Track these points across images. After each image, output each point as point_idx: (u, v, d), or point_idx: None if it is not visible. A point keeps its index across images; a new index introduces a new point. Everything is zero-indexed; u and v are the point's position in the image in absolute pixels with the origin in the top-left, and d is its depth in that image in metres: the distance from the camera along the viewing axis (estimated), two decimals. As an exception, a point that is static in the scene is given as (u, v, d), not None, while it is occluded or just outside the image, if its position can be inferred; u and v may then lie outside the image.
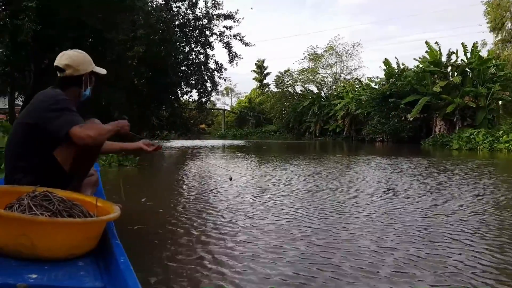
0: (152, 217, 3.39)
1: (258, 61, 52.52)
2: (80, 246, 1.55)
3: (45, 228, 1.45)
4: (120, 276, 1.35)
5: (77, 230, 1.54)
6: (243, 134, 40.14)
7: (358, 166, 8.06)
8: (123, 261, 1.44)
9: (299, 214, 3.48)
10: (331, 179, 5.91)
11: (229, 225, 3.10)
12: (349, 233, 2.89)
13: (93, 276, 1.41)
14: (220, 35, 14.70)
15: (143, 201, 4.02)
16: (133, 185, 5.42)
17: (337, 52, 36.60)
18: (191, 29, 14.28)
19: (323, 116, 33.44)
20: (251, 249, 2.49)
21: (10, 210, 1.53)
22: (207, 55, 14.87)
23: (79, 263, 1.50)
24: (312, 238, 2.76)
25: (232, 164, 8.43)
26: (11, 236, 1.41)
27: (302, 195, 4.49)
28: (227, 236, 2.77)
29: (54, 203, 1.58)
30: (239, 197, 4.36)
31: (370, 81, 27.78)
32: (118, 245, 1.61)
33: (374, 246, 2.56)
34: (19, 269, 1.35)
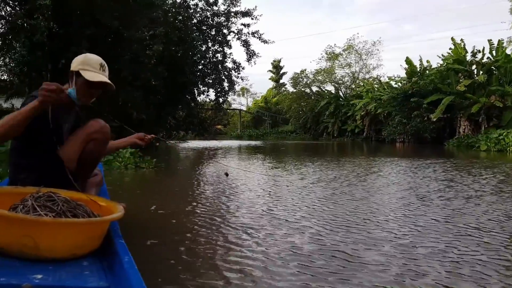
0: (165, 228, 3.05)
1: (274, 61, 52.10)
2: (84, 246, 1.55)
3: (49, 229, 1.45)
4: (125, 275, 1.34)
5: (81, 230, 1.54)
6: (259, 135, 39.75)
7: (383, 170, 7.57)
8: (127, 260, 1.43)
9: (319, 234, 2.90)
10: (354, 186, 5.38)
11: (243, 250, 2.53)
12: (379, 265, 2.24)
13: (97, 276, 1.40)
14: (238, 33, 14.34)
15: (153, 209, 3.68)
16: (147, 189, 5.11)
17: (356, 50, 35.90)
18: (208, 27, 13.95)
19: (341, 116, 32.76)
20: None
21: (14, 211, 1.53)
22: (225, 53, 14.52)
23: (83, 263, 1.50)
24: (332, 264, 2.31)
25: (248, 166, 8.09)
26: (15, 237, 1.42)
27: (322, 206, 3.92)
28: (244, 260, 2.33)
29: (58, 203, 1.57)
30: (255, 207, 3.89)
31: (391, 80, 27.07)
32: (122, 244, 1.60)
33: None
34: (24, 269, 1.35)
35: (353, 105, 31.36)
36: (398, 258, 2.37)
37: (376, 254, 2.44)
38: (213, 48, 14.48)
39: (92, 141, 2.12)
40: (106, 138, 2.23)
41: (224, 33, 14.23)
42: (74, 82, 2.10)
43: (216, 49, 14.52)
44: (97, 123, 2.17)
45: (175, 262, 2.28)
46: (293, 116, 39.50)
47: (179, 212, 3.61)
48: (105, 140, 2.23)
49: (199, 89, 14.78)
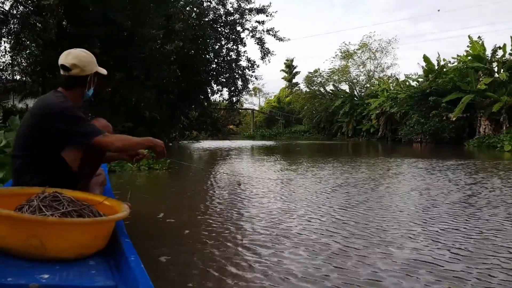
0: (176, 240, 2.72)
1: (287, 60, 51.66)
2: (90, 245, 1.55)
3: (55, 229, 1.46)
4: (132, 274, 1.34)
5: (87, 230, 1.54)
6: (272, 135, 39.38)
7: (404, 173, 7.09)
8: (133, 259, 1.42)
9: (339, 251, 2.48)
10: (376, 193, 4.81)
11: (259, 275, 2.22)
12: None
13: (104, 275, 1.40)
14: (252, 31, 14.02)
15: (161, 217, 3.37)
16: (158, 193, 4.82)
17: (370, 49, 35.28)
18: (222, 24, 13.67)
19: (356, 115, 32.20)
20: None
21: (20, 211, 1.54)
22: (239, 52, 14.23)
23: (90, 262, 1.50)
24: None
25: (262, 169, 7.77)
26: (21, 237, 1.42)
27: (342, 217, 3.42)
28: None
29: (63, 203, 1.58)
30: (271, 217, 3.47)
31: (408, 79, 26.45)
32: (128, 243, 1.59)
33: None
34: (31, 269, 1.36)
35: (368, 105, 30.79)
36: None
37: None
38: (226, 47, 14.19)
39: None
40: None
41: (238, 31, 13.94)
42: (93, 82, 2.20)
43: (229, 47, 14.23)
44: (100, 123, 2.15)
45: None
46: (307, 116, 39.01)
47: (189, 221, 3.30)
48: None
49: (212, 88, 14.53)
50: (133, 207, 2.20)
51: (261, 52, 14.25)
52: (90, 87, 2.19)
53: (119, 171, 6.41)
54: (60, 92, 2.10)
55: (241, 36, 14.03)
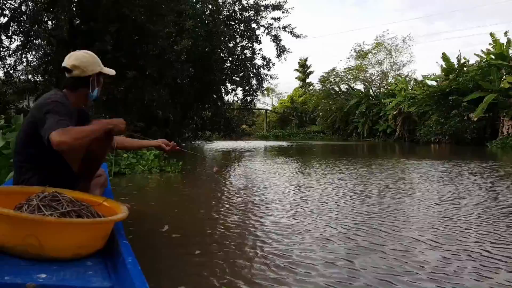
0: (187, 263, 2.29)
1: (300, 60, 51.00)
2: (88, 246, 1.55)
3: (54, 229, 1.45)
4: (128, 276, 1.33)
5: (85, 230, 1.54)
6: (286, 135, 38.86)
7: (429, 177, 6.53)
8: (130, 261, 1.42)
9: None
10: (401, 205, 4.22)
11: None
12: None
13: (101, 276, 1.40)
14: (268, 27, 13.56)
15: (165, 230, 2.90)
16: (167, 199, 4.42)
17: (385, 47, 34.47)
18: (237, 21, 13.26)
19: (372, 115, 31.47)
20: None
21: (19, 210, 1.54)
22: (254, 50, 13.79)
23: (87, 263, 1.50)
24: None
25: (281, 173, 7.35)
26: (20, 236, 1.42)
27: (363, 240, 2.79)
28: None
29: (62, 203, 1.58)
30: (289, 231, 3.06)
31: (426, 79, 25.71)
32: (126, 245, 1.59)
33: None
34: (28, 269, 1.36)
35: (384, 104, 30.07)
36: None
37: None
38: (241, 45, 13.78)
39: (95, 141, 2.03)
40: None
41: (253, 28, 13.50)
42: (98, 82, 2.17)
43: (244, 46, 13.82)
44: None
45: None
46: (321, 116, 38.37)
47: (198, 236, 2.82)
48: (108, 140, 2.20)
49: (226, 87, 14.14)
50: (136, 219, 1.91)
51: (277, 50, 13.78)
52: (94, 88, 2.16)
53: (129, 174, 6.06)
54: (61, 91, 2.10)
55: (256, 33, 13.59)
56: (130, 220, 2.03)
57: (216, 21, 10.86)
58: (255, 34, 13.51)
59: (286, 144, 22.15)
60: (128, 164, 6.19)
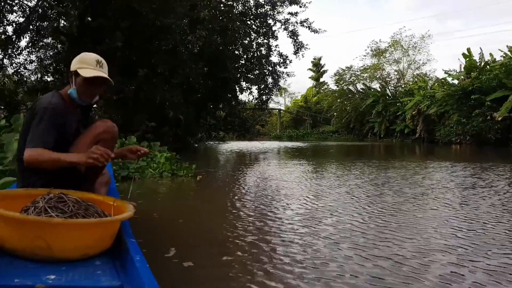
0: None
1: (314, 59, 50.29)
2: (95, 246, 1.54)
3: (61, 230, 1.45)
4: (137, 274, 1.32)
5: (92, 230, 1.53)
6: (300, 135, 38.22)
7: (456, 183, 5.81)
8: (139, 259, 1.41)
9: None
10: (433, 221, 3.65)
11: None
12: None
13: (110, 275, 1.40)
14: (285, 23, 12.96)
15: (171, 255, 2.35)
16: (176, 210, 3.88)
17: (402, 46, 33.56)
18: (252, 17, 12.70)
19: (389, 115, 30.62)
20: None
21: (26, 213, 1.54)
22: (270, 46, 13.22)
23: (95, 262, 1.50)
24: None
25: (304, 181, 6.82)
26: (27, 239, 1.42)
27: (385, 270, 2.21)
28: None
29: (68, 204, 1.58)
30: (314, 254, 2.62)
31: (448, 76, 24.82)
32: (134, 243, 1.58)
33: None
34: (37, 270, 1.35)
35: (402, 104, 29.23)
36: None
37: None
38: (256, 41, 13.23)
39: (100, 141, 2.05)
40: (114, 138, 2.19)
41: (269, 24, 12.93)
42: (74, 82, 2.10)
43: (259, 42, 13.26)
44: (105, 124, 2.15)
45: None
46: (336, 116, 37.60)
47: (212, 266, 2.24)
48: (113, 140, 2.18)
49: (240, 86, 13.62)
50: (137, 235, 1.72)
51: (294, 46, 13.16)
52: (72, 86, 2.10)
53: (138, 178, 5.59)
54: (59, 92, 2.11)
55: (272, 29, 13.00)
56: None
57: (231, 16, 10.34)
58: (271, 30, 12.92)
59: (302, 145, 21.55)
60: (138, 168, 5.72)
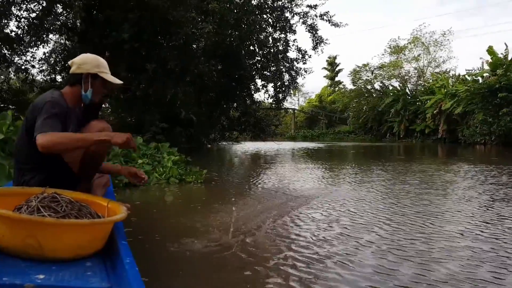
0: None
1: (329, 58, 49.27)
2: (87, 246, 1.55)
3: (53, 230, 1.45)
4: (126, 276, 1.33)
5: (84, 231, 1.54)
6: (315, 136, 37.38)
7: (497, 193, 5.13)
8: (128, 261, 1.42)
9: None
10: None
11: None
12: None
13: (99, 277, 1.39)
14: (303, 16, 12.18)
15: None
16: (179, 229, 3.15)
17: (423, 42, 32.38)
18: (269, 10, 11.96)
19: (408, 114, 29.51)
20: None
21: (19, 211, 1.55)
22: (287, 41, 12.45)
23: (86, 263, 1.50)
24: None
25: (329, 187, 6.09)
26: (19, 237, 1.43)
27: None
28: None
29: (62, 204, 1.59)
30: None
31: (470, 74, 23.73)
32: (125, 245, 1.58)
33: None
34: (27, 269, 1.36)
35: (422, 103, 28.13)
36: None
37: None
38: (272, 37, 12.49)
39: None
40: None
41: (287, 17, 12.17)
42: (90, 84, 2.11)
43: (276, 38, 12.52)
44: (99, 124, 2.14)
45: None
46: (352, 116, 36.56)
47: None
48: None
49: (256, 84, 12.91)
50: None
51: (313, 41, 12.38)
52: (88, 88, 2.11)
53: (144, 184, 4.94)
54: (58, 91, 2.10)
55: (290, 22, 12.23)
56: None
57: (246, 9, 9.64)
58: (289, 23, 12.15)
59: (320, 145, 20.73)
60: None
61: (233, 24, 9.69)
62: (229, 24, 9.51)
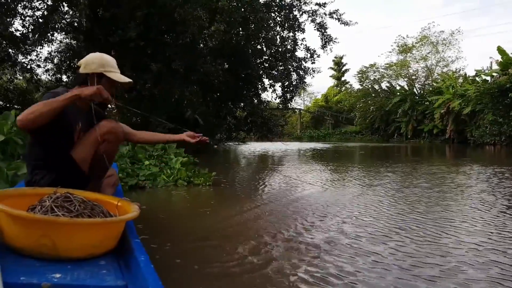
0: None
1: (336, 57, 48.97)
2: (100, 245, 1.55)
3: (67, 229, 1.46)
4: (141, 274, 1.33)
5: (98, 230, 1.55)
6: (321, 136, 37.12)
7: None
8: (143, 259, 1.42)
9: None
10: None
11: None
12: None
13: (114, 275, 1.40)
14: (312, 14, 11.96)
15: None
16: (185, 238, 2.99)
17: (432, 42, 32.00)
18: (277, 9, 11.76)
19: (416, 115, 29.17)
20: None
21: (32, 211, 1.56)
22: (296, 40, 12.26)
23: (100, 262, 1.50)
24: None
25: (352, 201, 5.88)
26: (34, 237, 1.44)
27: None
28: None
29: (75, 204, 1.59)
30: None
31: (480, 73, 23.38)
32: (138, 243, 1.59)
33: None
34: (43, 269, 1.37)
35: (430, 103, 27.80)
36: None
37: None
38: (280, 35, 12.28)
39: (104, 142, 2.06)
40: (118, 138, 2.19)
41: (295, 16, 11.96)
42: (96, 83, 2.07)
43: (284, 36, 12.31)
44: (109, 124, 2.12)
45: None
46: (359, 116, 36.24)
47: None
48: (117, 140, 2.19)
49: (263, 83, 12.70)
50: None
51: (322, 40, 12.16)
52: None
53: (149, 187, 4.76)
54: (66, 88, 2.07)
55: (299, 20, 12.00)
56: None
57: (253, 6, 9.46)
58: (297, 21, 11.93)
59: (327, 146, 20.50)
60: (149, 174, 4.88)
61: (240, 22, 9.50)
62: (237, 22, 9.32)
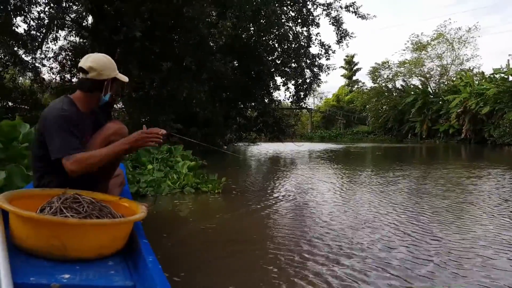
0: None
1: (347, 56, 48.20)
2: (109, 246, 1.55)
3: (76, 230, 1.47)
4: (149, 274, 1.34)
5: (106, 231, 1.55)
6: (332, 136, 36.46)
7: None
8: (151, 260, 1.43)
9: None
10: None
11: None
12: None
13: (123, 275, 1.41)
14: (327, 7, 11.38)
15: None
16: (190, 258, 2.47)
17: (447, 39, 31.10)
18: (290, 2, 11.19)
19: (431, 114, 28.35)
20: None
21: (42, 213, 1.56)
22: (309, 35, 11.67)
23: (109, 262, 1.51)
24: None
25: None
26: (43, 238, 1.45)
27: None
28: None
29: (83, 205, 1.60)
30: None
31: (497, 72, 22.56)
32: (146, 244, 1.59)
33: None
34: (52, 269, 1.38)
35: (446, 102, 26.97)
36: None
37: None
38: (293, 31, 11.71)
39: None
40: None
41: (309, 9, 11.37)
42: (110, 87, 2.11)
43: (296, 32, 11.74)
44: (115, 125, 2.15)
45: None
46: (371, 115, 35.45)
47: None
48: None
49: (275, 81, 12.15)
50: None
51: (337, 35, 11.57)
52: (107, 92, 2.12)
53: (151, 195, 4.25)
54: (70, 97, 2.05)
55: (313, 14, 11.42)
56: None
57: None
58: (312, 15, 11.34)
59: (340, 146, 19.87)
60: (151, 181, 4.37)
61: (251, 16, 8.96)
62: (247, 17, 8.79)
